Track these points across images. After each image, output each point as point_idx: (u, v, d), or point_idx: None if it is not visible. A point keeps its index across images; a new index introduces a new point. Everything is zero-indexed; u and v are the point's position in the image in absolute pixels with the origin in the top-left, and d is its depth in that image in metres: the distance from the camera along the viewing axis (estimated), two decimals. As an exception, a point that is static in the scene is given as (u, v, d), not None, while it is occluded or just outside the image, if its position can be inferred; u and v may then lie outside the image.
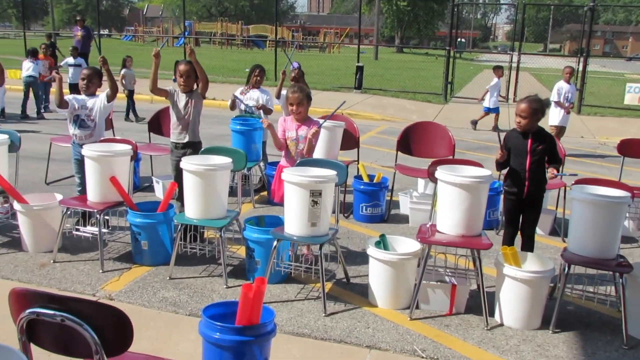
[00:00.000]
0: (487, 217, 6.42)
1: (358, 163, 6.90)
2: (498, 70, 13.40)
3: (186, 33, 47.85)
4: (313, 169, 4.58)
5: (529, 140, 4.66)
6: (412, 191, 6.92)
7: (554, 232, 6.43)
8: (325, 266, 5.06)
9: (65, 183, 7.54)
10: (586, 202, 4.18)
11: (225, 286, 4.67)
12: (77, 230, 5.31)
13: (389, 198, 6.80)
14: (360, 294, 4.67)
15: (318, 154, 6.62)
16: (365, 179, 6.58)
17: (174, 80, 5.65)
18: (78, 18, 17.93)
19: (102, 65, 5.55)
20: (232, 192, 7.35)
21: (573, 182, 4.66)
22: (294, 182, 4.32)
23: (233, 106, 7.53)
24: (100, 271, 4.88)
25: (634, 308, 4.21)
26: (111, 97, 5.59)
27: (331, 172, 4.44)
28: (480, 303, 4.26)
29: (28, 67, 12.99)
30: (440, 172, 4.39)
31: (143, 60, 24.78)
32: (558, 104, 10.42)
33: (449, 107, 16.99)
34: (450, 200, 4.35)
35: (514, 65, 18.39)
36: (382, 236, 4.65)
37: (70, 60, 14.05)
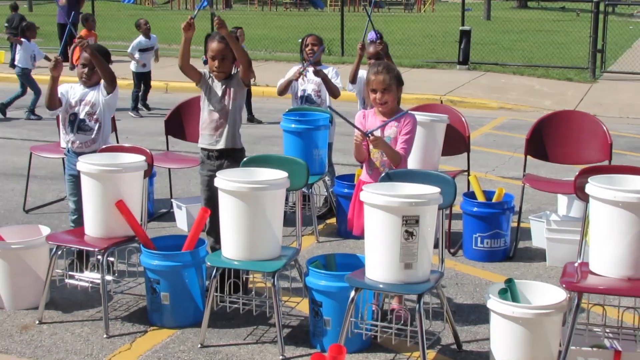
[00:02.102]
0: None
1: (469, 174, 6.88)
2: None
3: (211, -8, 48.94)
4: (405, 185, 4.61)
5: None
6: (549, 214, 6.85)
7: None
8: (426, 327, 5.09)
9: (52, 210, 7.81)
10: None
11: (281, 357, 4.74)
12: (71, 277, 5.48)
13: (515, 224, 6.76)
14: (477, 366, 4.68)
15: (410, 161, 6.68)
16: (480, 198, 6.57)
17: (205, 63, 5.80)
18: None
19: (82, 48, 5.73)
20: (288, 220, 7.47)
21: None
22: (377, 205, 4.37)
23: (283, 91, 7.60)
24: (105, 336, 5.02)
25: None
26: (109, 88, 5.78)
27: (432, 190, 4.47)
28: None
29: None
30: (594, 186, 4.35)
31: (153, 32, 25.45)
32: None
33: (600, 86, 16.73)
34: (609, 226, 4.31)
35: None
36: (510, 281, 4.63)
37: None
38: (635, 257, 4.27)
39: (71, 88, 5.91)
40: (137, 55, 13.66)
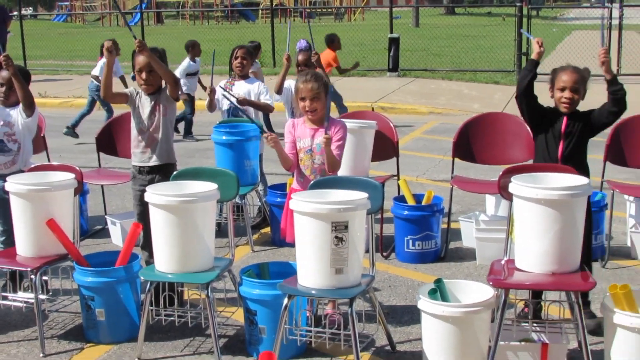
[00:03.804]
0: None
1: (398, 179, 6.95)
2: None
3: (144, 6, 48.54)
4: (334, 192, 4.64)
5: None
6: (478, 214, 6.95)
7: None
8: (359, 330, 5.12)
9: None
10: None
11: (219, 368, 4.74)
12: (4, 298, 5.39)
13: (445, 226, 6.84)
14: (411, 366, 4.72)
15: (342, 168, 6.72)
16: (410, 201, 6.64)
17: (133, 79, 5.77)
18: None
19: (6, 66, 5.65)
20: (222, 231, 7.45)
21: None
22: (306, 213, 4.39)
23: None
24: (41, 355, 4.95)
25: None
26: (28, 112, 5.71)
27: (360, 195, 4.50)
28: (586, 368, 4.29)
29: None
30: (516, 185, 4.43)
31: (82, 50, 25.18)
32: None
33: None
34: (532, 224, 4.39)
35: (615, 23, 18.35)
36: (439, 281, 4.68)
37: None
38: (559, 252, 4.36)
39: None
40: (183, 81, 12.05)
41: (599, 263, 6.40)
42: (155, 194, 4.78)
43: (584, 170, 5.04)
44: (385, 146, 7.07)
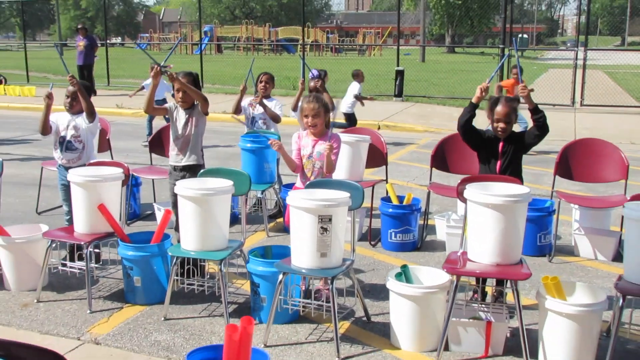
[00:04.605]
0: (539, 241, 6.35)
1: (387, 182, 6.89)
2: None
3: (206, 39, 48.83)
4: (323, 191, 4.61)
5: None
6: (450, 214, 6.88)
7: (618, 258, 6.29)
8: (342, 302, 5.09)
9: (59, 212, 7.69)
10: (641, 222, 4.10)
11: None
12: (64, 265, 5.41)
13: (423, 222, 6.77)
14: (382, 334, 4.66)
15: (340, 173, 6.69)
16: (395, 201, 6.58)
17: (173, 96, 5.78)
18: (79, 26, 18.48)
19: (72, 84, 5.69)
20: (248, 219, 7.44)
21: (629, 198, 4.59)
22: (299, 207, 4.36)
23: (237, 111, 7.54)
24: (88, 311, 4.96)
25: None
26: (89, 118, 5.74)
27: (343, 195, 4.47)
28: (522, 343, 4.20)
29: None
30: (470, 191, 4.37)
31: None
32: None
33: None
34: (481, 223, 4.33)
35: (580, 63, 18.13)
36: (404, 267, 4.63)
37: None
38: (503, 247, 4.28)
39: (59, 116, 5.86)
40: (352, 101, 11.85)
41: (546, 258, 6.30)
42: (183, 187, 4.77)
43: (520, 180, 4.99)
44: (377, 157, 7.02)
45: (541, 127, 5.04)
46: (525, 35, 62.52)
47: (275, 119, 7.48)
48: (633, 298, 4.26)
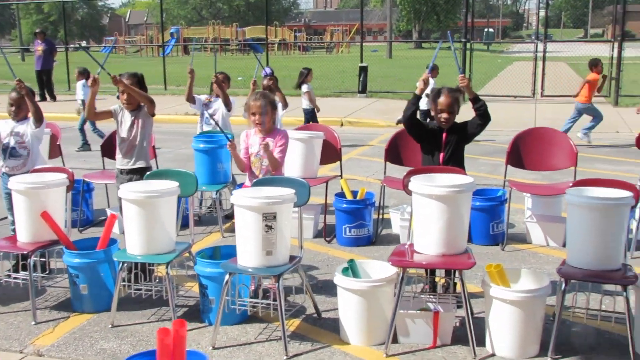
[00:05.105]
0: (491, 230, 6.37)
1: (341, 178, 6.86)
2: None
3: (173, 40, 48.47)
4: (268, 189, 4.56)
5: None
6: (405, 207, 6.87)
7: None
8: (292, 300, 5.05)
9: (4, 223, 7.55)
10: (582, 207, 4.12)
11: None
12: (8, 276, 5.29)
13: (385, 216, 6.76)
14: (332, 330, 4.63)
15: (294, 170, 6.66)
16: (349, 196, 6.55)
17: (118, 97, 5.69)
18: (37, 31, 18.26)
19: (19, 89, 5.60)
20: (202, 221, 7.37)
21: (571, 184, 4.61)
22: (243, 205, 4.31)
23: (191, 99, 7.52)
24: (33, 323, 4.84)
25: (642, 324, 4.16)
26: (37, 123, 5.65)
27: (288, 192, 4.43)
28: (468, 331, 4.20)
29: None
30: (414, 183, 4.35)
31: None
32: None
33: (467, 106, 16.91)
34: (426, 214, 4.31)
35: (540, 55, 18.29)
36: (351, 261, 4.61)
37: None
38: (447, 237, 4.28)
39: (3, 123, 5.75)
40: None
41: (499, 247, 6.32)
42: (126, 190, 4.70)
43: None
44: (331, 152, 6.98)
45: (483, 116, 5.06)
46: (491, 29, 63.05)
47: (228, 104, 7.45)
48: (577, 282, 4.29)
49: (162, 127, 14.87)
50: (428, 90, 11.77)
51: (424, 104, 12.15)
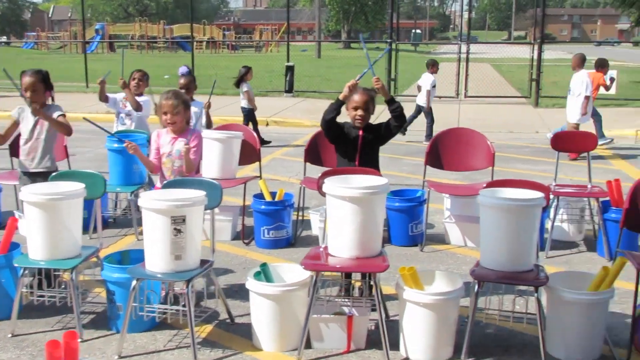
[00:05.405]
0: (410, 231, 6.35)
1: (260, 179, 6.74)
2: None
3: (98, 37, 47.28)
4: (178, 191, 4.40)
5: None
6: (325, 208, 6.77)
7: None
8: (205, 304, 4.90)
9: None
10: (494, 208, 4.11)
11: (80, 340, 4.41)
12: None
13: (296, 217, 6.67)
14: (245, 336, 4.50)
15: (212, 170, 6.50)
16: (267, 198, 6.43)
17: (21, 95, 5.39)
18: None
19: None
20: (117, 223, 7.13)
21: (484, 185, 4.61)
22: (150, 208, 4.14)
23: (104, 99, 7.37)
24: None
25: (553, 324, 4.18)
26: None
27: (198, 194, 4.28)
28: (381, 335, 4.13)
29: None
30: (327, 185, 4.26)
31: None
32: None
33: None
34: (340, 216, 4.23)
35: (464, 56, 18.59)
36: (264, 265, 4.49)
37: None
38: (361, 240, 4.19)
39: None
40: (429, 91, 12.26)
41: (418, 248, 6.32)
42: (28, 193, 4.46)
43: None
44: (250, 153, 6.85)
45: (398, 118, 5.01)
46: (418, 30, 63.97)
47: (137, 108, 7.26)
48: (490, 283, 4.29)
49: (82, 125, 14.43)
50: (428, 86, 12.01)
51: (421, 100, 12.18)
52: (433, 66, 12.54)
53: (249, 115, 11.81)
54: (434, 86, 12.27)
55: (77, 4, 68.08)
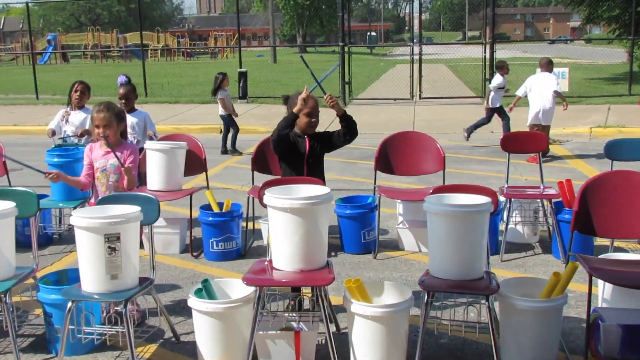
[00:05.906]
0: (363, 238, 6.24)
1: (207, 189, 6.55)
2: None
3: (50, 47, 46.48)
4: (112, 207, 4.21)
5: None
6: (275, 217, 6.63)
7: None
8: (150, 323, 4.72)
9: None
10: (440, 215, 4.01)
11: (15, 365, 4.21)
12: None
13: (246, 228, 6.51)
14: (190, 355, 4.34)
15: (156, 183, 6.32)
16: (215, 209, 6.26)
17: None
18: None
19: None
20: (62, 239, 6.91)
21: (431, 191, 4.51)
22: (82, 227, 3.96)
23: (52, 133, 7.15)
24: None
25: (507, 332, 4.09)
26: None
27: (133, 210, 4.10)
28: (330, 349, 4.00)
29: None
30: (268, 196, 4.11)
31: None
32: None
33: (348, 110, 16.96)
34: (281, 228, 4.08)
35: (417, 57, 18.60)
36: (205, 281, 4.31)
37: None
38: (304, 252, 4.05)
39: None
40: (492, 94, 11.94)
41: (371, 255, 6.20)
42: (-45, 213, 4.23)
43: (322, 181, 4.78)
44: (196, 163, 6.67)
45: (350, 132, 4.88)
46: (373, 33, 64.19)
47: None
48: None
49: (32, 138, 14.10)
50: (490, 86, 11.71)
51: (497, 102, 11.95)
52: (502, 68, 12.32)
53: (229, 122, 11.76)
54: (501, 87, 12.05)
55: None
